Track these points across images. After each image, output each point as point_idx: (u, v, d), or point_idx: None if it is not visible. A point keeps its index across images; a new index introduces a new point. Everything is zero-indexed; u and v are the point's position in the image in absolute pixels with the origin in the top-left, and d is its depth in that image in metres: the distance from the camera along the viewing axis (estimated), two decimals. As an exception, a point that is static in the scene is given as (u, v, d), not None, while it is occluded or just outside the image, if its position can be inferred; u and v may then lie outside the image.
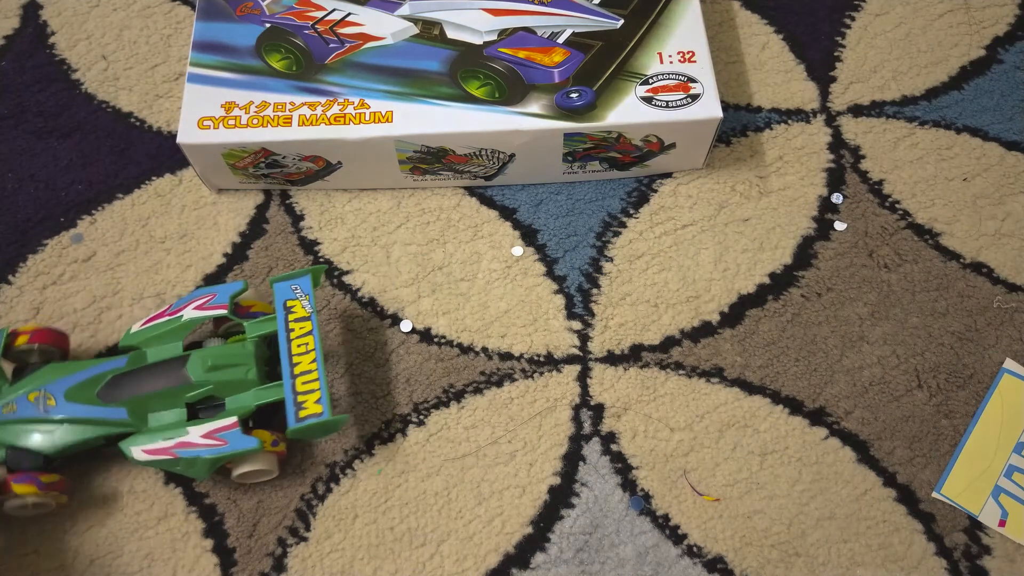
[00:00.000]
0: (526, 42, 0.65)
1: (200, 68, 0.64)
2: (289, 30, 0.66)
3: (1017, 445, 0.58)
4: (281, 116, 0.62)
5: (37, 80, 0.73)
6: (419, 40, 0.66)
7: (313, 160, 0.64)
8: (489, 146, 0.63)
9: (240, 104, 0.63)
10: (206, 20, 0.66)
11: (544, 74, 0.64)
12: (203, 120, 0.62)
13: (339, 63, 0.65)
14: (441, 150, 0.63)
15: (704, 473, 0.58)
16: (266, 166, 0.64)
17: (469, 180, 0.67)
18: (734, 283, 0.64)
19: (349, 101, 0.63)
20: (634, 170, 0.67)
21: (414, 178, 0.66)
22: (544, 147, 0.63)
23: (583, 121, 0.62)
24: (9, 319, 0.63)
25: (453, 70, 0.64)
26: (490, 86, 0.63)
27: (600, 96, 0.63)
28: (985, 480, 0.57)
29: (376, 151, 0.63)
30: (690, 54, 0.64)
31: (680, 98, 0.62)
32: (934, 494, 0.57)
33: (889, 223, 0.66)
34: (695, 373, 0.61)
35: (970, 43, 0.74)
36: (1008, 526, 0.56)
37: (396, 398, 0.60)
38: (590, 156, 0.65)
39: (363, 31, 0.66)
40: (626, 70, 0.64)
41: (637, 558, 0.56)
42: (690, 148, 0.65)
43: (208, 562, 0.56)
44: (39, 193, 0.68)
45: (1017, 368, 0.60)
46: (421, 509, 0.57)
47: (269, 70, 0.64)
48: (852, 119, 0.71)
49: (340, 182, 0.66)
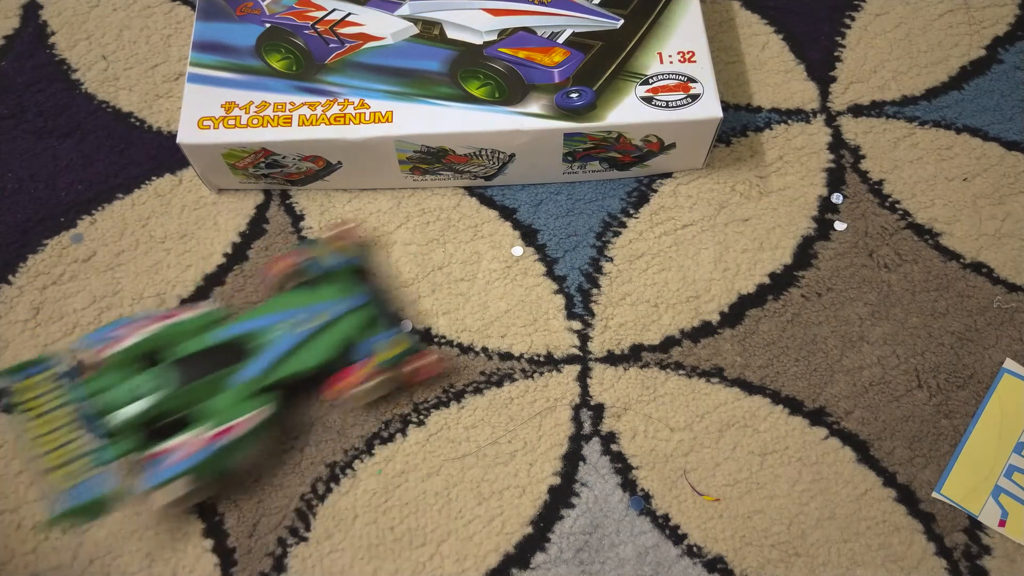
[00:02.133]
0: (526, 42, 0.65)
1: (200, 68, 0.64)
2: (289, 30, 0.66)
3: (1017, 445, 0.58)
4: (281, 116, 0.62)
5: (37, 80, 0.73)
6: (419, 40, 0.66)
7: (313, 160, 0.64)
8: (489, 146, 0.63)
9: (240, 104, 0.63)
10: (206, 20, 0.66)
11: (544, 74, 0.64)
12: (203, 120, 0.62)
13: (339, 63, 0.65)
14: (441, 150, 0.63)
15: (704, 473, 0.58)
16: (266, 166, 0.64)
17: (469, 180, 0.67)
18: (734, 283, 0.64)
19: (349, 101, 0.63)
20: (634, 170, 0.67)
21: (414, 178, 0.66)
22: (544, 147, 0.63)
23: (583, 121, 0.62)
24: (9, 319, 0.63)
25: (453, 70, 0.64)
26: (490, 86, 0.63)
27: (600, 96, 0.63)
28: (985, 480, 0.57)
29: (376, 151, 0.63)
30: (690, 54, 0.64)
31: (680, 98, 0.62)
32: (934, 494, 0.57)
33: (889, 223, 0.66)
34: (695, 373, 0.61)
35: (970, 43, 0.74)
36: (1008, 526, 0.56)
37: (396, 398, 0.60)
38: (590, 156, 0.65)
39: (363, 31, 0.66)
40: (626, 70, 0.64)
41: (637, 558, 0.56)
42: (690, 148, 0.65)
43: (208, 562, 0.56)
44: (39, 193, 0.68)
45: (1017, 368, 0.60)
46: (421, 509, 0.57)
47: (269, 70, 0.64)
48: (852, 119, 0.71)
49: (340, 182, 0.66)
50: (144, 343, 0.55)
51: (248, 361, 0.56)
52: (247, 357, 0.56)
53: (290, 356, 0.56)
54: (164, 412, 0.54)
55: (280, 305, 0.58)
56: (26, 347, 0.62)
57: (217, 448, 0.53)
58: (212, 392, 0.55)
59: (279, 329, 0.57)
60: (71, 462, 0.52)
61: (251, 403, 0.54)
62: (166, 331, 0.56)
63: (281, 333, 0.56)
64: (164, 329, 0.56)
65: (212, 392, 0.55)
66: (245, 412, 0.54)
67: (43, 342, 0.62)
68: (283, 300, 0.59)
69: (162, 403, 0.53)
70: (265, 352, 0.56)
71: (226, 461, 0.54)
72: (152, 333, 0.56)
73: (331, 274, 0.60)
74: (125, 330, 0.56)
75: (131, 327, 0.56)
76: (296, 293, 0.59)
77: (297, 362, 0.56)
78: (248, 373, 0.55)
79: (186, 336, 0.56)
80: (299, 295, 0.59)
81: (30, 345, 0.62)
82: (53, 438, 0.52)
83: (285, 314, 0.57)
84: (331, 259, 0.60)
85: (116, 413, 0.53)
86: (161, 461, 0.52)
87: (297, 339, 0.56)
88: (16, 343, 0.62)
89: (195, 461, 0.52)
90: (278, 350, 0.56)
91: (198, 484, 0.54)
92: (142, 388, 0.54)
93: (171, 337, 0.56)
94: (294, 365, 0.56)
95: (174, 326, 0.56)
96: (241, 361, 0.55)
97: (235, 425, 0.53)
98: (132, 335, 0.56)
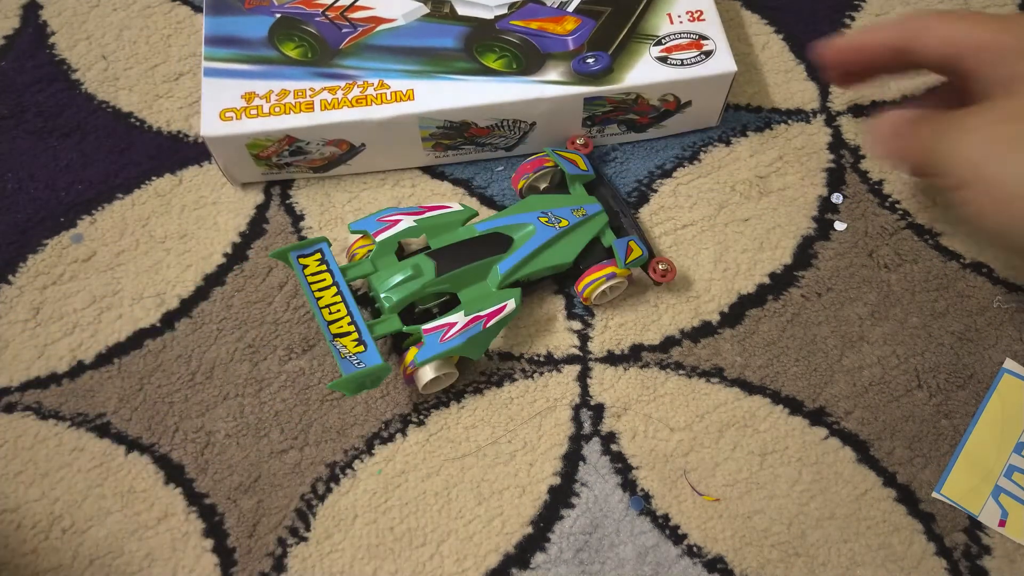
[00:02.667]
0: (537, 13, 0.66)
1: (215, 62, 0.64)
2: (300, 18, 0.66)
3: (1017, 445, 0.58)
4: (303, 102, 0.62)
5: (37, 80, 0.73)
6: (431, 19, 0.66)
7: (337, 144, 0.64)
8: (511, 116, 0.64)
9: (260, 94, 0.63)
10: (216, 15, 0.66)
11: (558, 42, 0.65)
12: (225, 112, 0.62)
13: (354, 47, 0.65)
14: (464, 124, 0.64)
15: (704, 473, 0.58)
16: (290, 154, 0.64)
17: (491, 152, 0.67)
18: (734, 283, 0.64)
19: (369, 83, 0.63)
20: (651, 131, 0.68)
21: (436, 155, 0.67)
22: (565, 113, 0.64)
23: (602, 85, 0.63)
24: (9, 319, 0.63)
25: (468, 45, 0.65)
26: (507, 58, 0.64)
27: (616, 59, 0.64)
28: (985, 480, 0.57)
29: (400, 130, 0.63)
30: (698, 13, 0.66)
31: (694, 55, 0.64)
32: (934, 494, 0.57)
33: (889, 223, 0.66)
34: (695, 373, 0.61)
35: (970, 43, 0.74)
36: (1008, 526, 0.56)
37: (396, 398, 0.60)
38: (608, 120, 0.66)
39: (374, 14, 0.67)
40: (638, 33, 0.65)
41: (637, 558, 0.56)
42: (705, 105, 0.66)
43: (208, 562, 0.56)
44: (39, 193, 0.68)
45: (1017, 368, 0.60)
46: (421, 509, 0.57)
47: (285, 59, 0.65)
48: (852, 119, 0.71)
49: (362, 165, 0.67)
50: (412, 230, 0.59)
51: (510, 253, 0.59)
52: (509, 249, 0.60)
53: (542, 251, 0.60)
54: (431, 295, 0.58)
55: (536, 204, 0.62)
56: (26, 347, 0.62)
57: (474, 334, 0.57)
58: (475, 279, 0.59)
59: (534, 225, 0.60)
60: (351, 334, 0.55)
61: (504, 294, 0.59)
62: (430, 221, 0.60)
63: (535, 228, 0.60)
64: (429, 219, 0.60)
65: (475, 279, 0.59)
66: (500, 302, 0.58)
67: (43, 342, 0.62)
68: (536, 201, 0.62)
69: (430, 285, 0.58)
70: (523, 246, 0.60)
71: (479, 347, 0.58)
72: (420, 220, 0.60)
73: (572, 181, 0.64)
74: (395, 217, 0.60)
75: (400, 214, 0.60)
76: (547, 196, 0.63)
77: (549, 257, 0.60)
78: (507, 264, 0.59)
79: (448, 228, 0.60)
80: (550, 198, 0.63)
81: (30, 345, 0.62)
82: (336, 310, 0.56)
83: (539, 213, 0.61)
84: (573, 168, 0.63)
85: (388, 293, 0.57)
86: (438, 335, 0.56)
87: (550, 234, 0.60)
88: (16, 343, 0.62)
89: (462, 340, 0.56)
90: (532, 245, 0.60)
91: (451, 368, 0.58)
92: (410, 272, 0.58)
93: (435, 228, 0.60)
94: (545, 260, 0.60)
95: (437, 217, 0.60)
96: (505, 252, 0.59)
97: (488, 314, 0.57)
98: (402, 222, 0.60)
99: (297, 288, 0.64)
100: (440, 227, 0.60)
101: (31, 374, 0.61)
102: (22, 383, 0.61)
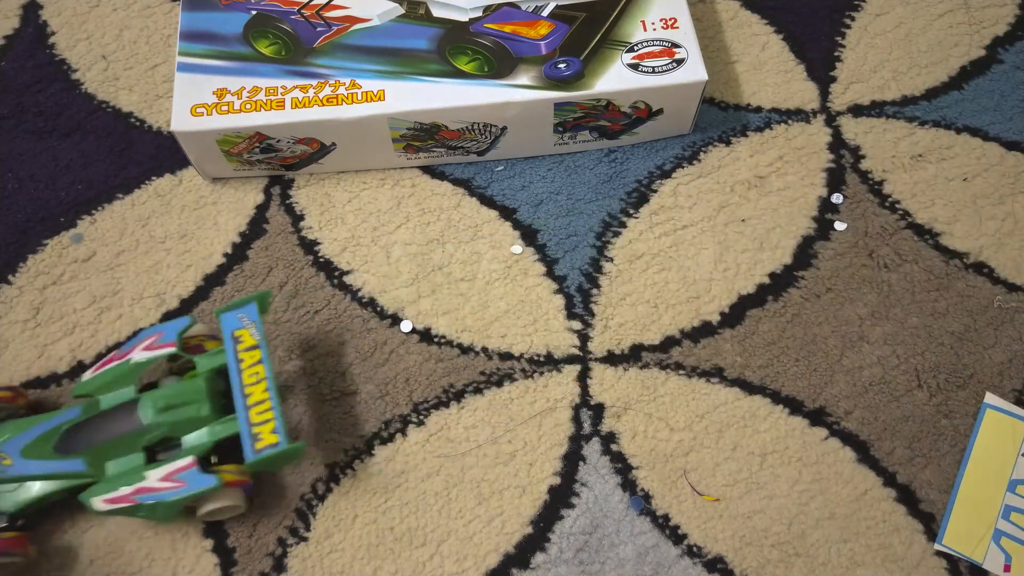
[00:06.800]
0: (511, 17, 0.66)
1: (189, 57, 0.65)
2: (275, 16, 0.66)
3: (1010, 483, 0.57)
4: (274, 100, 0.63)
5: (37, 80, 0.73)
6: (405, 20, 0.67)
7: (307, 143, 0.64)
8: (481, 119, 0.64)
9: (232, 90, 0.63)
10: (192, 10, 0.67)
11: (531, 47, 0.65)
12: (196, 107, 0.62)
13: (328, 46, 0.65)
14: (434, 126, 0.64)
15: (704, 473, 0.58)
16: (260, 151, 0.64)
17: (462, 156, 0.67)
18: (734, 283, 0.64)
19: (340, 82, 0.63)
20: (624, 138, 0.68)
21: (407, 156, 0.67)
22: (535, 118, 0.64)
23: (572, 90, 0.63)
24: (9, 319, 0.63)
25: (441, 47, 0.65)
26: (479, 61, 0.64)
27: (587, 65, 0.64)
28: (983, 524, 0.56)
29: (370, 130, 0.63)
30: (672, 20, 0.66)
31: (666, 63, 0.64)
32: (936, 546, 0.55)
33: (889, 223, 0.66)
34: (695, 373, 0.61)
35: (970, 43, 0.74)
36: (1013, 570, 0.55)
37: (396, 398, 0.60)
38: (580, 126, 0.66)
39: (349, 14, 0.67)
40: (611, 39, 0.65)
41: (637, 558, 0.56)
42: (677, 113, 0.66)
43: (208, 562, 0.56)
44: (39, 193, 0.68)
45: (999, 403, 0.59)
46: (421, 509, 0.57)
47: (258, 56, 0.65)
48: (852, 119, 0.71)
49: (334, 164, 0.67)
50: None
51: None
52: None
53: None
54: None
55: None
56: (26, 347, 0.62)
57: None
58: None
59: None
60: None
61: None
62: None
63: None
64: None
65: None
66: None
67: (43, 342, 0.62)
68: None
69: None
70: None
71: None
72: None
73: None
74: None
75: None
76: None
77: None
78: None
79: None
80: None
81: (30, 345, 0.62)
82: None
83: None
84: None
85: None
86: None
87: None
88: (16, 343, 0.62)
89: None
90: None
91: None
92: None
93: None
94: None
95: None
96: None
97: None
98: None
99: (297, 288, 0.64)
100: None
101: (31, 374, 0.61)
102: (22, 383, 0.61)
